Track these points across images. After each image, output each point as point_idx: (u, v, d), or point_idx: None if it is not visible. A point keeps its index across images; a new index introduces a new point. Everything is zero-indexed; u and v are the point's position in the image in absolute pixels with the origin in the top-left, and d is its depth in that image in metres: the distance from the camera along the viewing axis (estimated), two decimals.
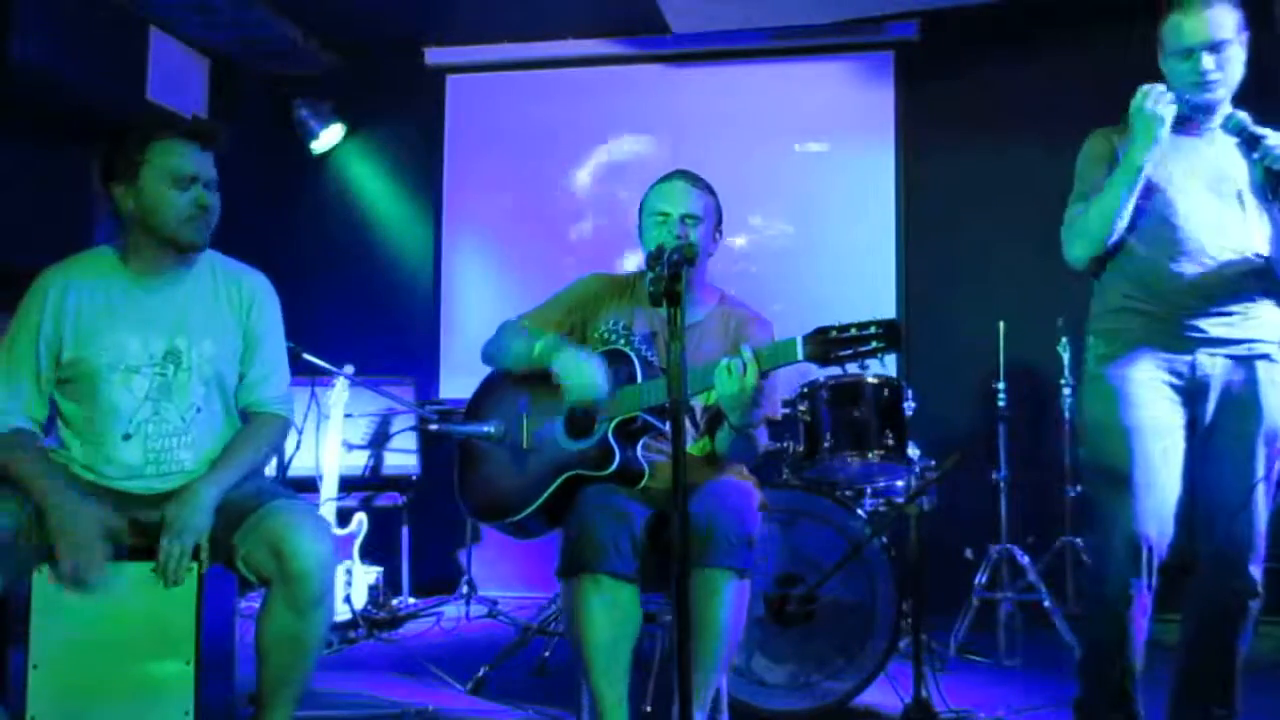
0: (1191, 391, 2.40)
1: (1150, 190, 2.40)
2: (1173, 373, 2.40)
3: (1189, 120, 2.43)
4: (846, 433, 3.26)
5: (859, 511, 3.06)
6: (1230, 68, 2.40)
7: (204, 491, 2.22)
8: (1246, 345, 2.39)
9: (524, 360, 2.56)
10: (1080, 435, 2.52)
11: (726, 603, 2.28)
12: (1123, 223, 2.38)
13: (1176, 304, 2.39)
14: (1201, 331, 2.38)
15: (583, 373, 2.43)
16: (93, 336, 2.27)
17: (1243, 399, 2.38)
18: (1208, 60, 2.36)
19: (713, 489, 2.42)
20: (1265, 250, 2.40)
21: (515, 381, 2.65)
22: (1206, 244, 2.38)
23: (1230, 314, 2.38)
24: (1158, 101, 2.34)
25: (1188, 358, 2.39)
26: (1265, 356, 2.40)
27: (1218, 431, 2.40)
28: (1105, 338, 2.48)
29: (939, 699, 2.86)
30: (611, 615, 2.27)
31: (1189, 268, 2.38)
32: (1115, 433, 2.40)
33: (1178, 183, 2.41)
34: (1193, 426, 2.42)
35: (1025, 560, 3.92)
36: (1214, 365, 2.39)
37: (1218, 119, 2.43)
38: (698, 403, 2.58)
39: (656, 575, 2.40)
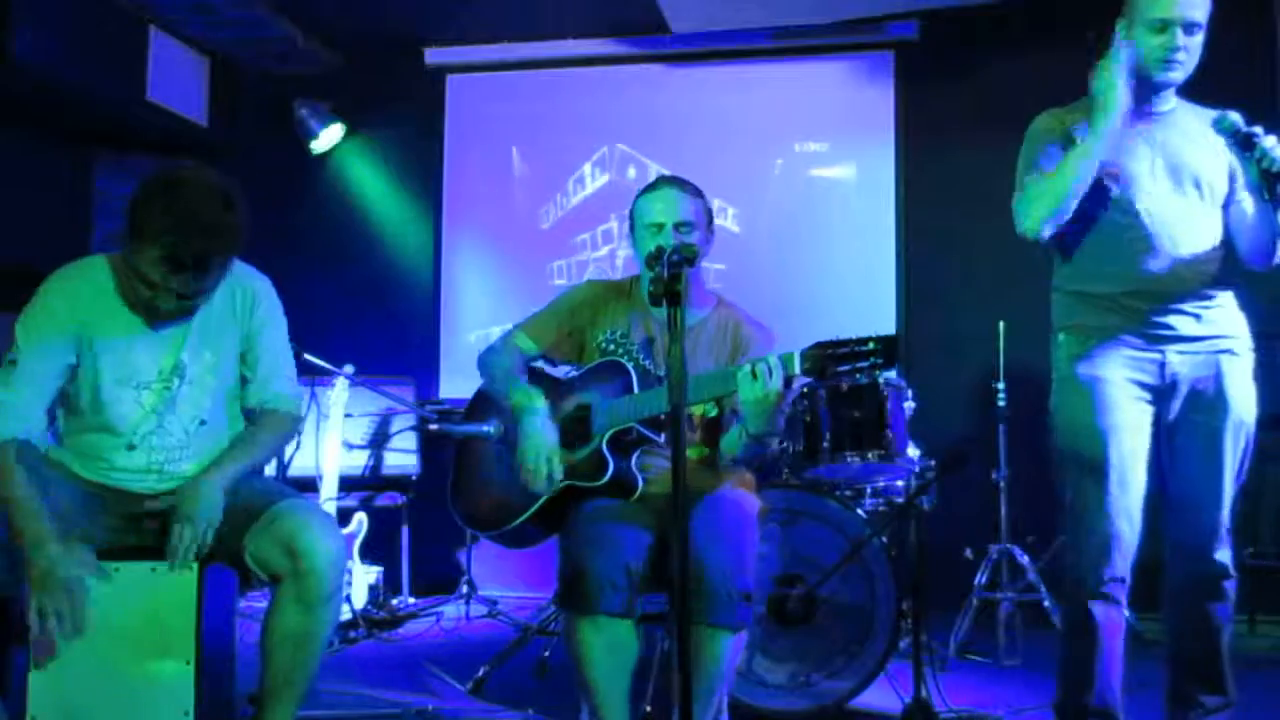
0: (1161, 390, 2.41)
1: (1113, 185, 2.39)
2: (1143, 372, 2.41)
3: (1144, 101, 2.42)
4: (846, 433, 3.25)
5: (859, 511, 3.06)
6: (1195, 53, 2.39)
7: (209, 483, 2.23)
8: (1212, 342, 2.41)
9: (502, 399, 2.59)
10: (1054, 433, 2.52)
11: (722, 658, 2.28)
12: (1081, 189, 2.34)
13: (1144, 302, 2.40)
14: (1171, 329, 2.39)
15: (537, 449, 2.43)
16: (109, 353, 2.25)
17: (1210, 396, 2.40)
18: (1181, 37, 2.35)
19: (712, 519, 2.37)
20: (1220, 239, 2.42)
21: None
22: (1172, 240, 2.39)
23: (1197, 310, 2.40)
24: (1115, 67, 2.33)
25: (1157, 357, 2.40)
26: (1229, 352, 2.42)
27: (1186, 426, 2.42)
28: (1076, 335, 2.47)
29: (939, 699, 2.86)
30: (609, 652, 2.29)
31: (1155, 265, 2.39)
32: (1090, 435, 2.41)
33: (1141, 178, 2.40)
34: (1158, 422, 2.44)
35: (1025, 560, 3.92)
36: (1182, 364, 2.40)
37: (1167, 102, 2.44)
38: (696, 412, 2.56)
39: (661, 577, 2.40)
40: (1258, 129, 2.29)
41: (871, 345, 2.10)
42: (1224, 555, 2.41)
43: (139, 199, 2.12)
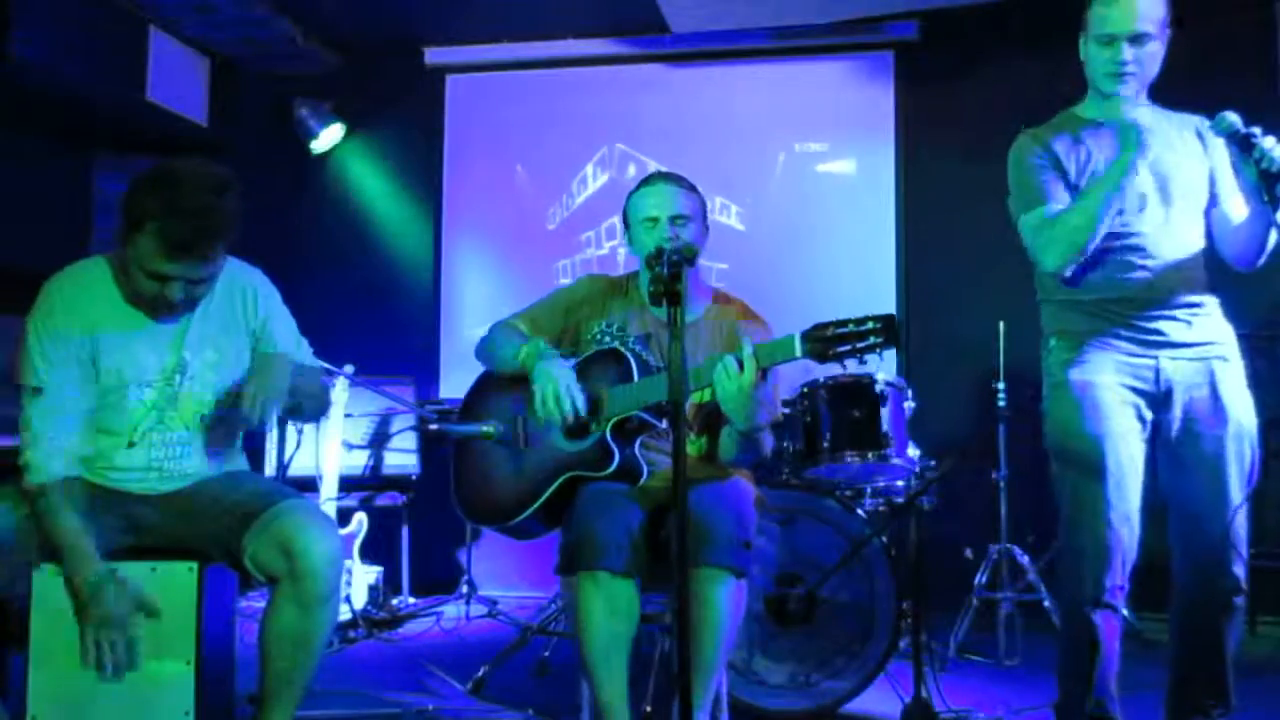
0: (1155, 397, 2.41)
1: None
2: (1136, 377, 2.40)
3: (1113, 115, 2.41)
4: (846, 433, 3.26)
5: (859, 511, 3.06)
6: (1148, 63, 2.39)
7: (281, 361, 2.31)
8: (1203, 348, 2.40)
9: (509, 365, 2.58)
10: (1048, 439, 2.51)
11: (723, 602, 2.27)
12: (1105, 227, 2.36)
13: (1133, 309, 2.40)
14: (1161, 334, 2.39)
15: (556, 380, 2.42)
16: (114, 353, 2.25)
17: (1208, 404, 2.39)
18: (1127, 51, 2.36)
19: (710, 487, 2.42)
20: (1202, 245, 2.42)
21: (510, 381, 2.65)
22: (1155, 250, 2.39)
23: (1185, 315, 2.40)
24: (1143, 116, 2.34)
25: (1150, 362, 2.40)
26: (1221, 358, 2.42)
27: (1188, 438, 2.40)
28: (1067, 340, 2.47)
29: (939, 699, 2.87)
30: (610, 612, 2.27)
31: (1140, 275, 2.39)
32: (1084, 440, 2.40)
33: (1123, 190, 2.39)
34: (1156, 430, 2.43)
35: (1025, 560, 3.92)
36: (1176, 370, 2.39)
37: (1142, 106, 2.43)
38: (692, 401, 2.55)
39: (655, 575, 2.40)
40: (1256, 129, 2.28)
41: (871, 325, 2.10)
42: (1238, 569, 2.39)
43: (131, 191, 2.13)
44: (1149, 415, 2.42)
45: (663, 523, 2.40)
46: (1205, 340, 2.41)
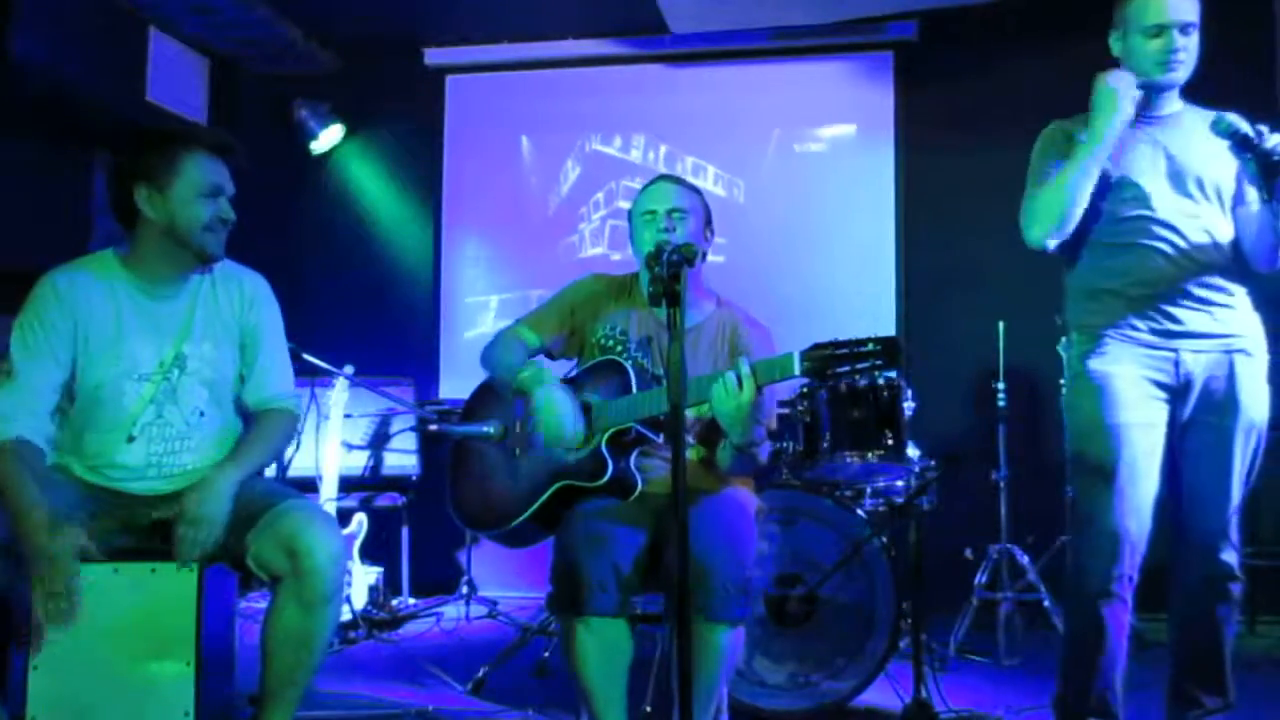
0: (1175, 389, 2.42)
1: (1119, 182, 2.42)
2: (1157, 370, 2.41)
3: (1147, 105, 2.45)
4: (846, 433, 3.25)
5: (859, 511, 3.06)
6: (1193, 51, 2.42)
7: (221, 481, 2.23)
8: (1226, 340, 2.41)
9: (509, 381, 2.57)
10: (1066, 432, 2.52)
11: (719, 648, 2.28)
12: (1083, 199, 2.38)
13: (1153, 296, 2.40)
14: (1181, 324, 2.40)
15: (555, 415, 2.42)
16: (107, 347, 2.26)
17: (1222, 395, 2.40)
18: (1179, 39, 2.39)
19: (711, 515, 2.38)
20: (1231, 238, 2.42)
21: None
22: (1178, 233, 2.40)
23: (1208, 305, 2.40)
24: (1119, 79, 2.37)
25: (1170, 354, 2.40)
26: (1243, 351, 2.42)
27: (1196, 426, 2.43)
28: (1087, 333, 2.49)
29: (939, 699, 2.87)
30: (603, 653, 2.29)
31: (1162, 258, 2.40)
32: (1100, 431, 2.41)
33: (1145, 173, 2.42)
34: (1172, 422, 2.44)
35: (1025, 560, 3.92)
36: (1196, 363, 2.40)
37: (1171, 105, 2.46)
38: (691, 414, 2.53)
39: (655, 579, 2.40)
40: (1260, 129, 2.29)
41: (871, 346, 2.10)
42: (1230, 557, 2.41)
43: (144, 154, 2.24)
44: (1168, 408, 2.42)
45: (661, 543, 2.38)
46: (1228, 333, 2.41)
